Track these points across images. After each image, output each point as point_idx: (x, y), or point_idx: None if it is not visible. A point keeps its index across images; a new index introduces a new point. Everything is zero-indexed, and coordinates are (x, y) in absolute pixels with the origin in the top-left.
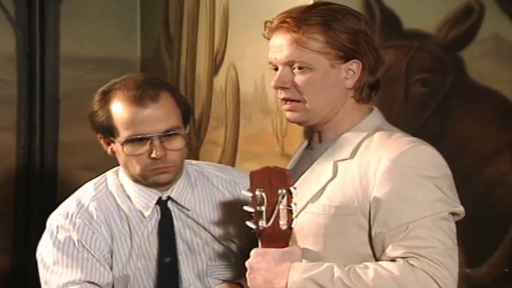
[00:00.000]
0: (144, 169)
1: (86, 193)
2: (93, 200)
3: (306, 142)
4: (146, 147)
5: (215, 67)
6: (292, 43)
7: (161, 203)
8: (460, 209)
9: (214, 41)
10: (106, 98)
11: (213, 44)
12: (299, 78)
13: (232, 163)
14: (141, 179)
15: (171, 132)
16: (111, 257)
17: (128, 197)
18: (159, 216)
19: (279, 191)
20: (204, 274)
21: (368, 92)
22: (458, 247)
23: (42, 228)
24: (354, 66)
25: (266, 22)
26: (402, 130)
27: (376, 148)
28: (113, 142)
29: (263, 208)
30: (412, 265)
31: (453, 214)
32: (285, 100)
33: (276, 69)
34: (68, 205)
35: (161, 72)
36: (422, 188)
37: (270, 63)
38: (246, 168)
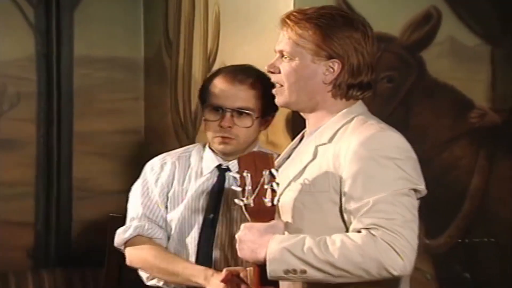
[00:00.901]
0: (213, 135)
1: (176, 151)
2: (174, 157)
3: (302, 132)
4: (219, 116)
5: (208, 66)
6: (286, 37)
7: (220, 170)
8: (421, 187)
9: (207, 43)
10: (213, 75)
11: (207, 46)
12: (283, 65)
13: None
14: (211, 145)
15: (243, 110)
16: (167, 201)
17: (201, 159)
18: (215, 180)
19: (263, 172)
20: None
21: (345, 90)
22: (419, 221)
23: (59, 205)
24: (335, 65)
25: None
26: None
27: (349, 134)
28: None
29: (249, 187)
30: (373, 235)
31: (416, 191)
32: (273, 82)
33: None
34: (158, 158)
35: (162, 71)
36: (385, 168)
37: (275, 51)
38: None
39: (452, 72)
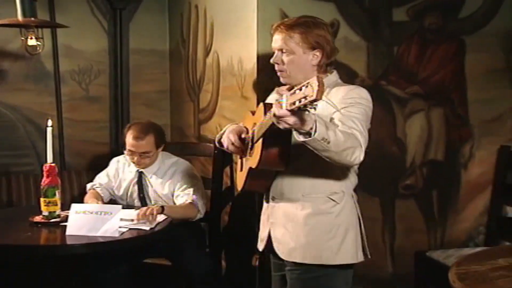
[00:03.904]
0: (132, 161)
1: (123, 157)
2: (122, 161)
3: None
4: (133, 154)
5: (207, 53)
6: (282, 39)
7: (139, 173)
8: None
9: (206, 40)
10: (127, 129)
11: (205, 42)
12: (284, 58)
13: (215, 101)
14: None
15: (144, 154)
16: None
17: (130, 165)
18: (137, 177)
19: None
20: None
21: (325, 68)
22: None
23: (123, 133)
24: (318, 53)
25: (272, 25)
26: None
27: (335, 91)
28: None
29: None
30: (350, 130)
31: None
32: (278, 70)
33: (273, 53)
34: (117, 158)
35: (179, 56)
36: (360, 105)
37: (273, 49)
38: (223, 103)
39: (346, 56)
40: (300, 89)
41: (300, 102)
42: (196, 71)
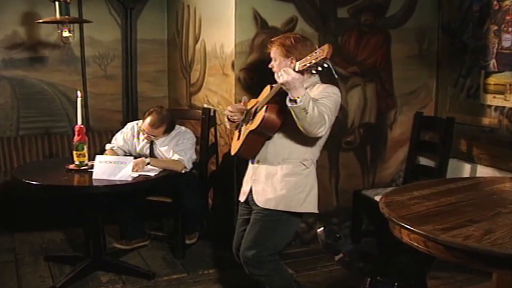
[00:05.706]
0: (143, 136)
1: (137, 124)
2: (136, 127)
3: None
4: (143, 132)
5: (196, 41)
6: (272, 51)
7: (151, 141)
8: (339, 103)
9: (195, 30)
10: (147, 115)
11: (195, 32)
12: (274, 63)
13: (203, 77)
14: None
15: (154, 136)
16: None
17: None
18: (148, 145)
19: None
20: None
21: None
22: None
23: (132, 103)
24: (293, 60)
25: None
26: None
27: (316, 88)
28: None
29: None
30: (323, 112)
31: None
32: (274, 71)
33: (271, 59)
34: (132, 123)
35: (175, 44)
36: (330, 98)
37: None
38: (209, 79)
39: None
40: (311, 56)
41: (310, 63)
42: (188, 55)
